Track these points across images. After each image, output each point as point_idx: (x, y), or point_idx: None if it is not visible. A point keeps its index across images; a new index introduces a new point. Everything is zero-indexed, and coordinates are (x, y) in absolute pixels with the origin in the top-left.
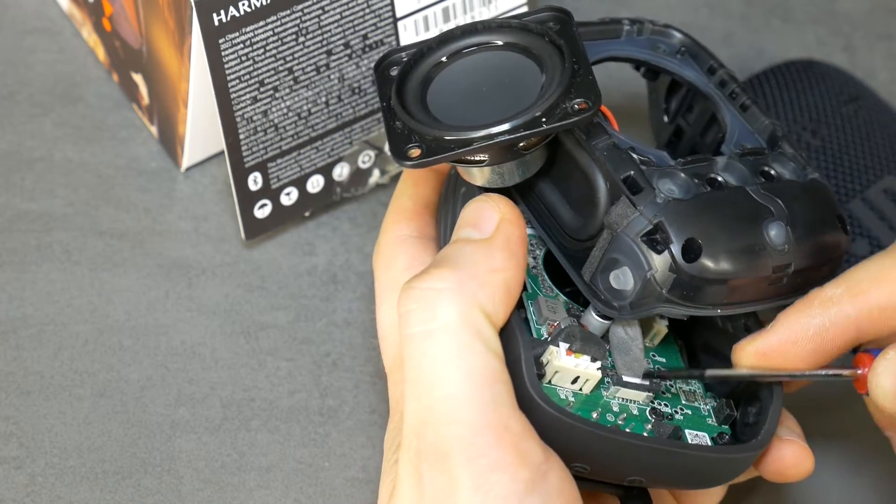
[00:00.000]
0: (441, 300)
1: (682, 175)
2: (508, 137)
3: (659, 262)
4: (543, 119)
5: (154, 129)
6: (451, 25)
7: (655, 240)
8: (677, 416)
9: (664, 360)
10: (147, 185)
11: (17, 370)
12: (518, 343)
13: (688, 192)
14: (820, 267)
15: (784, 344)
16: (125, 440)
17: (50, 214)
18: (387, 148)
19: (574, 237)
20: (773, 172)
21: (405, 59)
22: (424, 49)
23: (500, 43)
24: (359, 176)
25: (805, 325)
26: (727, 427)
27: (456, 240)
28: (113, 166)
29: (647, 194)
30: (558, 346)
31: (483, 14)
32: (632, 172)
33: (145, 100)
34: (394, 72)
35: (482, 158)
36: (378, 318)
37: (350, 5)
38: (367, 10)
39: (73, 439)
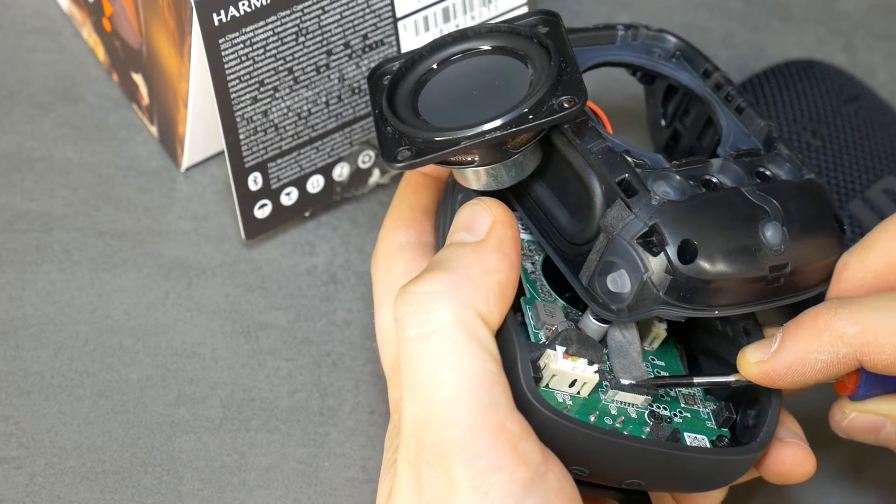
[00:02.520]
0: (436, 303)
1: (678, 177)
2: (495, 135)
3: (655, 265)
4: (530, 116)
5: (154, 129)
6: (452, 26)
7: (651, 242)
8: (676, 419)
9: (663, 363)
10: (147, 185)
11: (17, 370)
12: (515, 346)
13: (683, 193)
14: (817, 266)
15: (791, 371)
16: (125, 440)
17: (50, 214)
18: None
19: (571, 241)
20: (768, 173)
21: (395, 67)
22: (416, 57)
23: (489, 47)
24: (359, 176)
25: (814, 359)
26: (727, 430)
27: (450, 243)
28: (113, 166)
29: (642, 197)
30: (555, 349)
31: (483, 14)
32: (626, 175)
33: (145, 100)
34: (386, 80)
35: (472, 159)
36: (377, 323)
37: (350, 5)
38: (367, 10)
39: (73, 439)
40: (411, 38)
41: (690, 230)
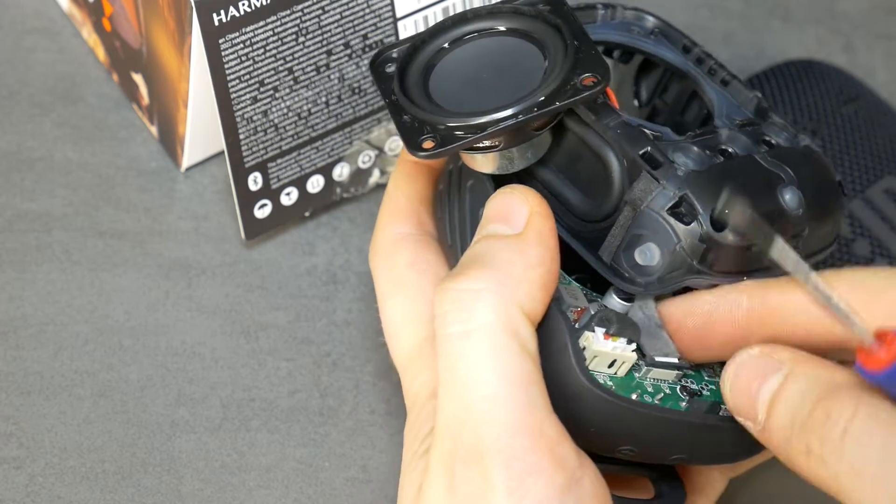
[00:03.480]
0: (478, 301)
1: (695, 148)
2: (524, 118)
3: (687, 234)
4: (556, 97)
5: (154, 129)
6: None
7: (680, 212)
8: (705, 392)
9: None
10: (147, 185)
11: (17, 370)
12: (563, 331)
13: (702, 163)
14: (826, 230)
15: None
16: (125, 440)
17: (50, 214)
18: (387, 147)
19: (586, 220)
20: (773, 141)
21: (398, 54)
22: (417, 42)
23: (496, 28)
24: (359, 176)
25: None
26: None
27: (486, 236)
28: (113, 166)
29: (667, 168)
30: (594, 330)
31: None
32: (648, 148)
33: (145, 100)
34: (389, 68)
35: (495, 143)
36: (383, 316)
37: (350, 5)
38: (367, 10)
39: (73, 439)
40: None
41: (719, 195)
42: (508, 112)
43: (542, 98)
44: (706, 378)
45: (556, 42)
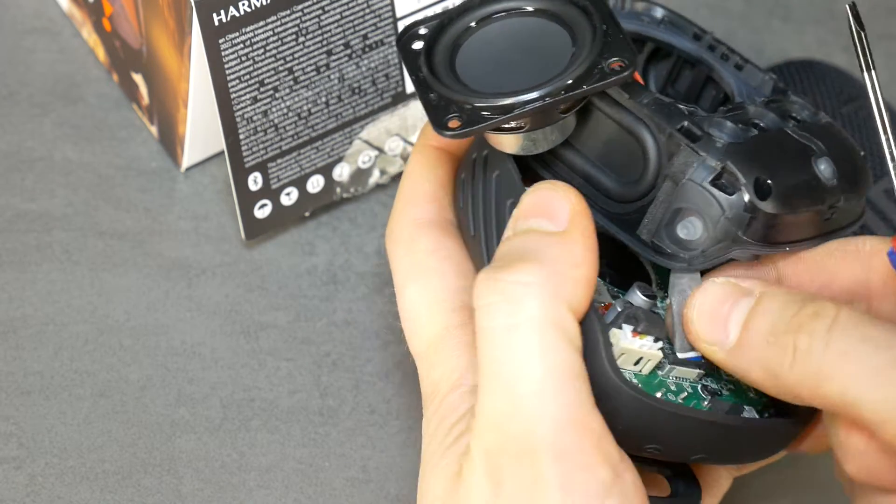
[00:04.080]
0: (527, 294)
1: (729, 123)
2: (551, 101)
3: (732, 204)
4: (584, 80)
5: (154, 129)
6: None
7: (723, 184)
8: (724, 392)
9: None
10: (147, 185)
11: (17, 370)
12: (595, 329)
13: (737, 136)
14: (857, 202)
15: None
16: (125, 440)
17: (50, 214)
18: (387, 147)
19: (621, 200)
20: (798, 116)
21: (425, 31)
22: (446, 20)
23: (524, 9)
24: (359, 176)
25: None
26: (766, 398)
27: (528, 230)
28: (113, 166)
29: (706, 141)
30: (621, 328)
31: None
32: (686, 123)
33: (145, 100)
34: (416, 45)
35: (521, 125)
36: (402, 302)
37: (350, 5)
38: (367, 10)
39: (73, 439)
40: None
41: (760, 168)
42: (536, 94)
43: (570, 81)
44: (725, 378)
45: (584, 25)
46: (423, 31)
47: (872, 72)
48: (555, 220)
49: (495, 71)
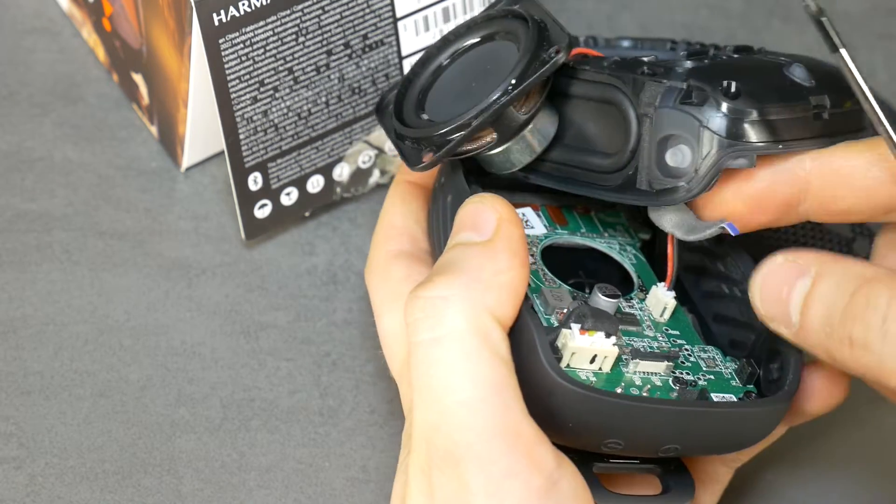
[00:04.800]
0: (447, 307)
1: (689, 62)
2: (500, 102)
3: (705, 112)
4: (526, 74)
5: (154, 129)
6: (452, 25)
7: (692, 101)
8: (701, 383)
9: (678, 332)
10: (147, 185)
11: (17, 370)
12: (531, 330)
13: (699, 62)
14: (850, 109)
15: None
16: (125, 440)
17: (50, 214)
18: (387, 147)
19: (612, 171)
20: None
21: (395, 92)
22: (410, 76)
23: (475, 40)
24: (359, 176)
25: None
26: (752, 386)
27: (455, 244)
28: (113, 166)
29: (667, 70)
30: (570, 327)
31: None
32: (645, 67)
33: (145, 100)
34: (390, 108)
35: (492, 139)
36: (380, 330)
37: (350, 5)
38: (367, 10)
39: (73, 439)
40: (411, 38)
41: (725, 75)
42: (488, 101)
43: (515, 79)
44: (704, 369)
45: (524, 29)
46: (392, 95)
47: (843, 49)
48: (481, 231)
49: (457, 101)
